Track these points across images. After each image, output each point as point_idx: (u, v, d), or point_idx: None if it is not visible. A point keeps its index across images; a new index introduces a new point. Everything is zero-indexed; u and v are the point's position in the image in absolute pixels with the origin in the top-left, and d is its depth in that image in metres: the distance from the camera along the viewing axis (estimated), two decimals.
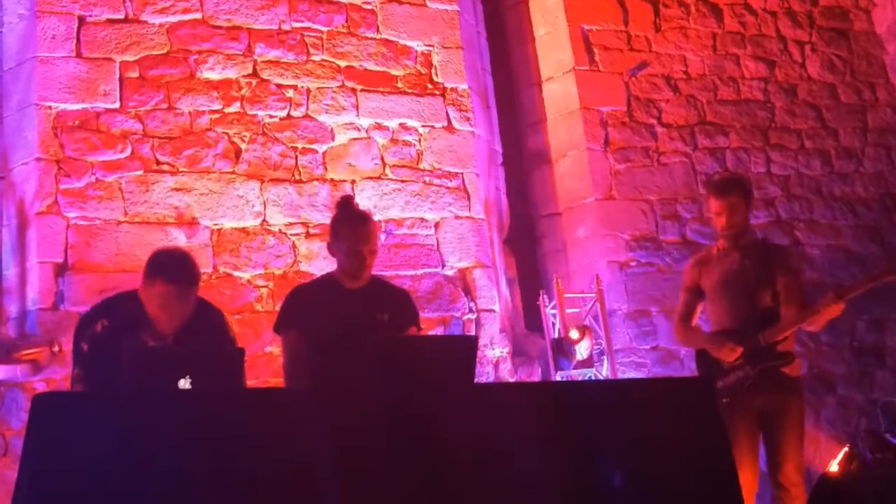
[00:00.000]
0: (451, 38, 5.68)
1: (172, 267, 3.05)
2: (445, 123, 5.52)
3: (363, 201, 4.98)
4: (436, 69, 5.59)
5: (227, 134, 4.99)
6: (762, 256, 3.90)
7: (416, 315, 3.42)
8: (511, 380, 5.23)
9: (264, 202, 4.98)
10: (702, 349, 3.91)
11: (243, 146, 5.01)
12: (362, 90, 5.36)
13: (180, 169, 4.86)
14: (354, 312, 3.20)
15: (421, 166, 5.39)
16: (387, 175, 5.29)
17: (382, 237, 5.05)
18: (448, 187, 5.41)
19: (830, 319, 3.81)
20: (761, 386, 3.72)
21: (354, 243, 3.24)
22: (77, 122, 4.72)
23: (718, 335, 3.83)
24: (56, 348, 4.28)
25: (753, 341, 3.73)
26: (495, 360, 5.23)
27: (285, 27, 5.26)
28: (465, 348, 2.79)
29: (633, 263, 5.92)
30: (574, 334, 5.13)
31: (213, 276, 4.77)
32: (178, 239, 4.74)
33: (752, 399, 3.71)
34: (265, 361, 4.66)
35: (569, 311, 5.42)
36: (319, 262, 4.90)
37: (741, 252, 3.90)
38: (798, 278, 4.01)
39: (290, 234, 4.99)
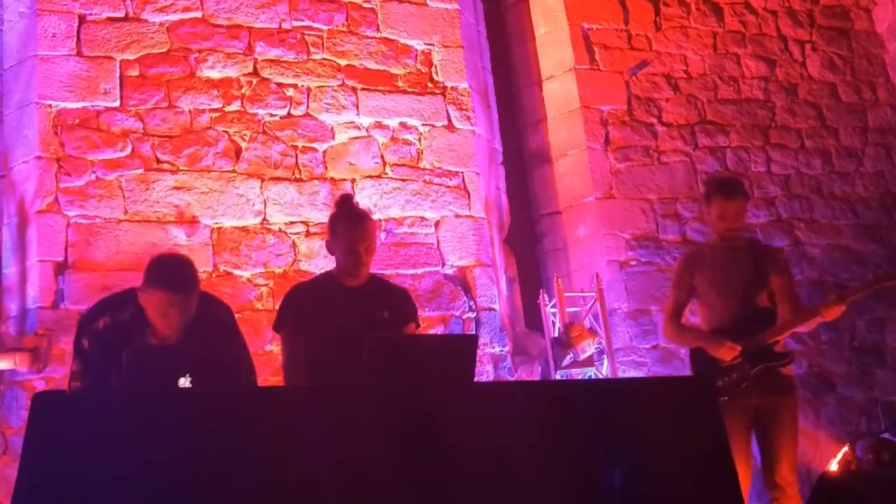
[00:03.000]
0: (452, 37, 5.68)
1: (172, 275, 3.05)
2: (446, 122, 5.52)
3: (363, 200, 4.98)
4: (436, 68, 5.59)
5: (227, 132, 4.99)
6: (755, 257, 3.91)
7: (415, 312, 3.42)
8: (511, 378, 5.22)
9: (264, 201, 4.98)
10: (697, 347, 3.88)
11: (244, 145, 5.01)
12: (363, 89, 5.36)
13: (180, 167, 4.86)
14: (353, 310, 3.20)
15: (421, 165, 5.39)
16: (387, 174, 5.29)
17: (382, 236, 5.05)
18: (448, 186, 5.41)
19: (827, 321, 3.83)
20: (758, 386, 3.72)
21: (351, 241, 3.24)
22: (77, 120, 4.72)
23: (717, 333, 3.80)
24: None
25: (753, 341, 3.74)
26: (495, 358, 5.23)
27: (286, 26, 5.27)
28: (465, 347, 2.78)
29: (633, 262, 5.92)
30: (588, 347, 5.13)
31: (214, 275, 4.77)
32: (179, 237, 4.74)
33: (748, 398, 3.72)
34: (265, 360, 4.65)
35: (569, 310, 5.42)
36: (319, 261, 4.91)
37: (736, 252, 3.90)
38: (791, 279, 4.01)
39: (291, 233, 4.99)
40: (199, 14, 5.09)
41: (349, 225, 3.27)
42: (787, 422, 3.73)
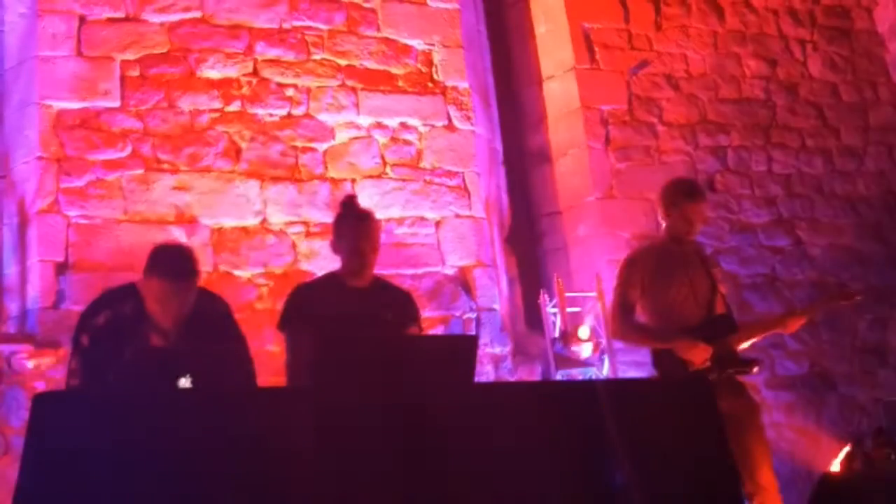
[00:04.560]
0: (452, 37, 5.68)
1: (172, 263, 3.05)
2: (446, 122, 5.52)
3: (363, 200, 4.95)
4: (436, 68, 5.59)
5: (227, 133, 4.99)
6: (703, 261, 3.88)
7: (418, 315, 3.43)
8: (511, 379, 5.22)
9: (264, 201, 4.98)
10: (663, 349, 3.72)
11: (243, 145, 5.01)
12: (363, 89, 5.35)
13: (181, 168, 4.86)
14: (357, 310, 3.21)
15: (421, 165, 5.39)
16: (387, 174, 5.29)
17: (382, 236, 5.04)
18: (449, 186, 5.41)
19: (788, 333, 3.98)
20: (723, 391, 3.65)
21: (355, 241, 3.26)
22: (78, 120, 4.72)
23: (688, 335, 3.67)
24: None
25: (722, 345, 3.69)
26: (495, 359, 5.23)
27: (286, 26, 5.26)
28: (465, 347, 2.78)
29: None
30: (583, 333, 5.14)
31: (213, 275, 4.77)
32: (179, 238, 4.73)
33: (718, 403, 3.67)
34: (265, 360, 4.65)
35: (569, 309, 5.41)
36: (319, 261, 4.90)
37: (688, 255, 3.83)
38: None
39: (291, 233, 4.99)
40: (199, 14, 5.09)
41: (353, 224, 3.29)
42: (758, 424, 3.72)
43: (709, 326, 3.72)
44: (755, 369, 3.76)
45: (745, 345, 3.81)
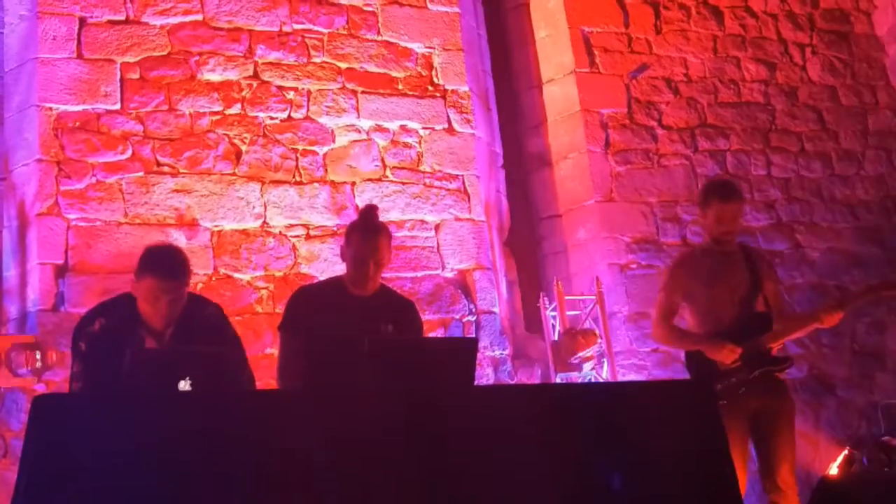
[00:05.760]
0: (452, 41, 5.68)
1: (162, 262, 3.08)
2: (446, 125, 5.52)
3: (363, 203, 4.98)
4: (436, 71, 5.59)
5: (227, 135, 5.00)
6: (749, 261, 3.92)
7: (420, 326, 3.43)
8: (511, 382, 5.23)
9: (265, 204, 4.98)
10: (695, 351, 3.85)
11: (244, 148, 5.02)
12: (363, 92, 5.36)
13: (181, 170, 4.86)
14: (358, 319, 3.20)
15: (421, 168, 5.39)
16: (387, 177, 5.30)
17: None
18: (448, 189, 5.41)
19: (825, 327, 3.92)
20: (756, 389, 3.73)
21: (361, 253, 3.25)
22: (78, 123, 4.72)
23: (716, 336, 3.79)
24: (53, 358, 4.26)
25: (753, 345, 3.74)
26: (495, 362, 5.23)
27: (286, 29, 5.27)
28: (465, 350, 2.78)
29: (633, 265, 5.92)
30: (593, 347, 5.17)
31: (213, 278, 4.77)
32: (179, 240, 4.73)
33: (748, 402, 3.72)
34: (266, 363, 4.65)
35: (569, 313, 5.42)
36: (320, 264, 4.91)
37: (729, 256, 3.90)
38: (781, 284, 4.05)
39: (291, 236, 5.00)
40: (199, 17, 5.09)
41: (362, 236, 3.27)
42: (786, 425, 3.76)
43: (738, 328, 3.76)
44: (786, 367, 3.82)
45: (780, 343, 3.85)
